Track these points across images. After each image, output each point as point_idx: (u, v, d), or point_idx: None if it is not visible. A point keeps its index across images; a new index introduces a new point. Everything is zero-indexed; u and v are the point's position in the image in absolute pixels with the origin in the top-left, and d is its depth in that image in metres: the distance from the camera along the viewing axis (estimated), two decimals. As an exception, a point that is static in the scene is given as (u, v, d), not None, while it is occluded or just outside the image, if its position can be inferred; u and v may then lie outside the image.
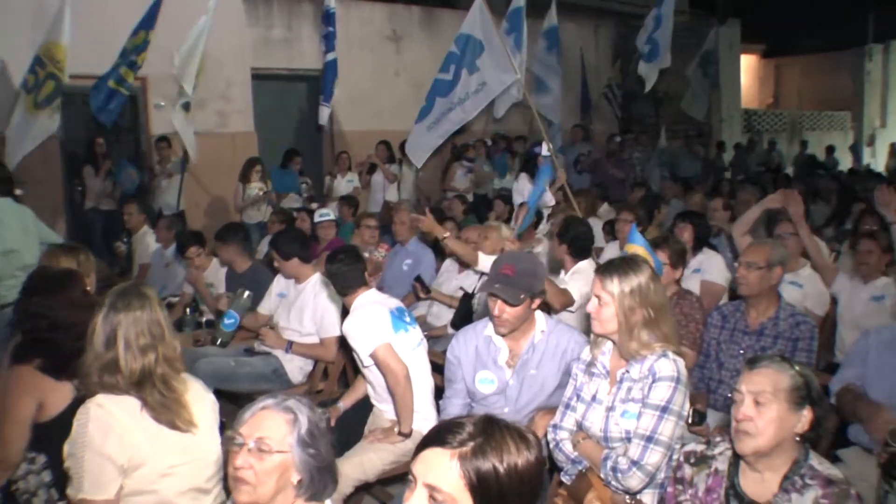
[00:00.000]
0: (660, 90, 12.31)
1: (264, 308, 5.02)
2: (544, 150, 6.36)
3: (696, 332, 3.93)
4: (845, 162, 18.27)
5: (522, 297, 3.11)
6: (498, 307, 3.14)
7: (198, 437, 2.58)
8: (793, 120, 20.12)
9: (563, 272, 4.62)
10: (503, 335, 3.27)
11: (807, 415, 2.18)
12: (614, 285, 2.71)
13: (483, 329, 3.37)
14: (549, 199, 6.34)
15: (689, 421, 3.36)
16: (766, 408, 2.18)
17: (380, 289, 5.50)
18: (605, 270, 2.78)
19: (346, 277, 3.85)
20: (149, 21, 7.31)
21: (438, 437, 1.59)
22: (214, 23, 7.77)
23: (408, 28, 12.13)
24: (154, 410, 2.48)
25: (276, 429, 1.99)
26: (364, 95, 11.41)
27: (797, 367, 2.23)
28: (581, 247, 4.55)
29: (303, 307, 4.76)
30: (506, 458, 1.55)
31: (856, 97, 21.91)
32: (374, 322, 3.72)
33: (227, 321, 4.72)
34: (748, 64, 19.02)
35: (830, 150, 17.48)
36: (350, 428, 3.94)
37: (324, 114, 9.54)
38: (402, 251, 6.13)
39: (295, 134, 11.24)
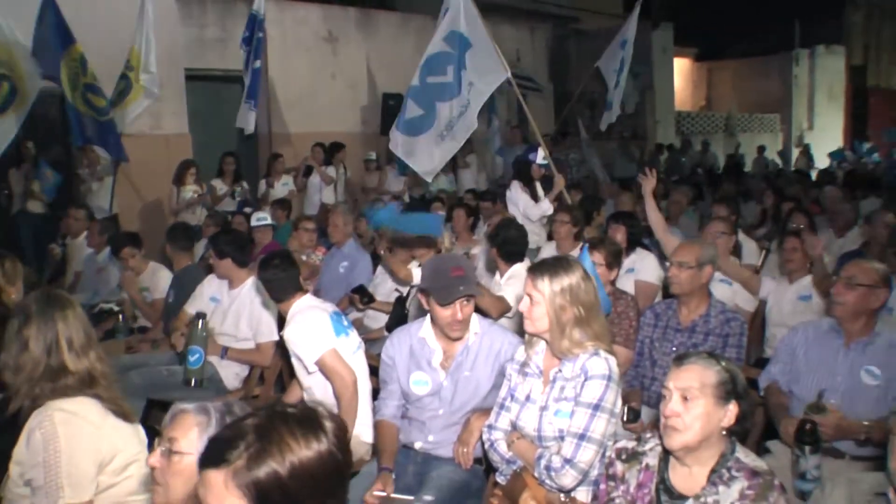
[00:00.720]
0: (595, 92, 12.48)
1: (191, 308, 4.90)
2: (540, 157, 6.29)
3: (630, 330, 3.98)
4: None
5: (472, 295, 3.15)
6: (463, 311, 3.12)
7: (139, 426, 2.65)
8: (725, 122, 20.62)
9: (497, 275, 4.64)
10: (459, 339, 3.25)
11: (733, 409, 2.22)
12: (545, 284, 2.73)
13: (417, 330, 3.35)
14: (548, 208, 6.24)
15: (624, 418, 3.40)
16: (693, 403, 2.21)
17: (316, 292, 5.47)
18: (536, 270, 2.80)
19: (281, 283, 3.79)
20: (65, 37, 7.12)
21: (211, 455, 1.45)
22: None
23: (344, 29, 12.06)
24: (111, 404, 2.52)
25: (186, 431, 1.95)
26: (300, 97, 11.30)
27: (724, 363, 2.27)
28: (511, 251, 4.56)
29: (238, 312, 4.67)
30: (287, 458, 1.41)
31: (784, 100, 22.58)
32: (317, 328, 3.67)
33: (191, 359, 4.36)
34: (681, 67, 19.44)
35: (761, 149, 18.02)
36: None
37: (250, 121, 9.41)
38: (339, 254, 6.07)
39: (230, 136, 11.05)
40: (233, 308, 4.69)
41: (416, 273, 4.61)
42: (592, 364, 2.71)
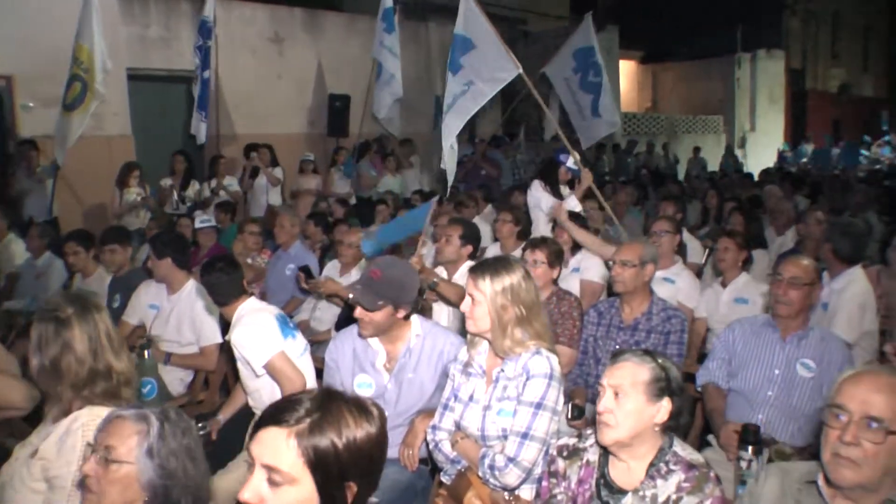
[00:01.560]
0: (543, 93, 12.55)
1: (132, 318, 4.81)
2: (570, 161, 6.03)
3: (574, 330, 4.01)
4: (717, 163, 19.25)
5: (380, 303, 3.09)
6: (358, 310, 3.14)
7: None
8: (670, 123, 20.97)
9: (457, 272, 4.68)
10: (365, 337, 3.26)
11: (666, 406, 2.26)
12: (486, 284, 2.74)
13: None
14: (576, 204, 5.97)
15: (568, 416, 3.46)
16: (624, 400, 2.24)
17: (262, 295, 5.41)
18: (477, 270, 2.81)
19: (224, 287, 3.74)
20: None
21: (275, 416, 1.56)
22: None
23: (290, 30, 11.94)
24: None
25: (125, 439, 1.91)
26: (246, 98, 11.17)
27: (659, 360, 2.31)
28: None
29: (180, 317, 4.60)
30: (344, 433, 1.54)
31: (727, 102, 23.05)
32: (265, 330, 3.63)
33: (144, 391, 4.17)
34: (627, 69, 19.70)
35: (696, 150, 18.39)
36: (231, 440, 3.82)
37: (201, 131, 9.25)
38: (285, 256, 6.02)
39: (175, 137, 10.87)
40: (174, 313, 4.62)
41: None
42: (534, 363, 2.73)
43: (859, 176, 13.85)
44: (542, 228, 5.97)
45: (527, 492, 2.79)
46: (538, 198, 6.26)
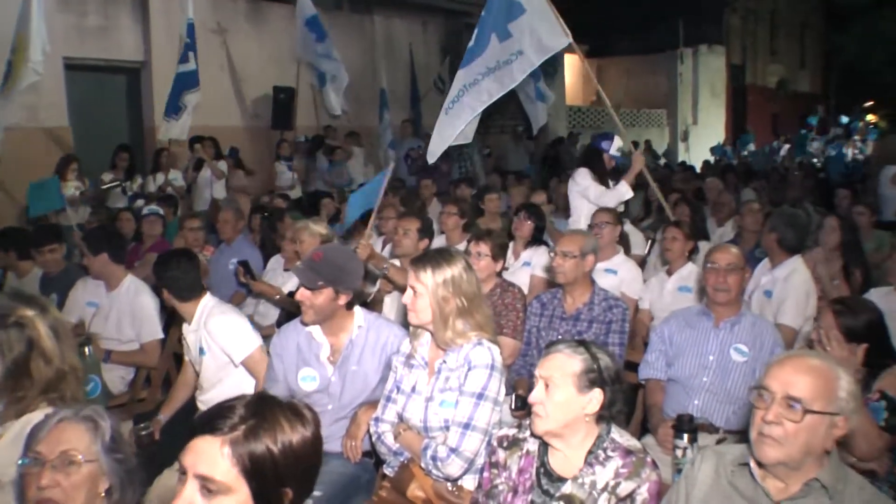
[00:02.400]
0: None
1: (70, 316, 4.68)
2: (613, 147, 5.71)
3: (518, 321, 4.04)
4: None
5: (320, 283, 3.10)
6: (300, 292, 3.13)
7: None
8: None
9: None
10: (307, 324, 3.25)
11: (597, 396, 2.30)
12: (428, 276, 2.76)
13: (304, 325, 3.32)
14: (626, 191, 5.62)
15: (512, 406, 3.49)
16: (554, 391, 2.28)
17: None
18: (418, 262, 2.82)
19: (187, 282, 3.75)
20: None
21: (208, 424, 1.53)
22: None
23: (233, 21, 11.73)
24: None
25: (80, 439, 1.90)
26: (188, 89, 10.96)
27: (592, 351, 2.34)
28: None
29: (120, 314, 4.53)
30: (280, 438, 1.53)
31: (670, 96, 23.41)
32: (243, 325, 3.71)
33: (87, 388, 3.94)
34: (572, 63, 19.80)
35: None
36: (174, 440, 3.76)
37: (171, 130, 9.05)
38: (228, 250, 5.94)
39: (115, 129, 10.61)
40: (114, 310, 4.54)
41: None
42: (476, 354, 2.75)
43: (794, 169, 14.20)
44: (582, 221, 5.66)
45: (469, 482, 2.80)
46: (585, 186, 5.83)
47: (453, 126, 5.77)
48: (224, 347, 3.67)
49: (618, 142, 5.75)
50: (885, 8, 23.72)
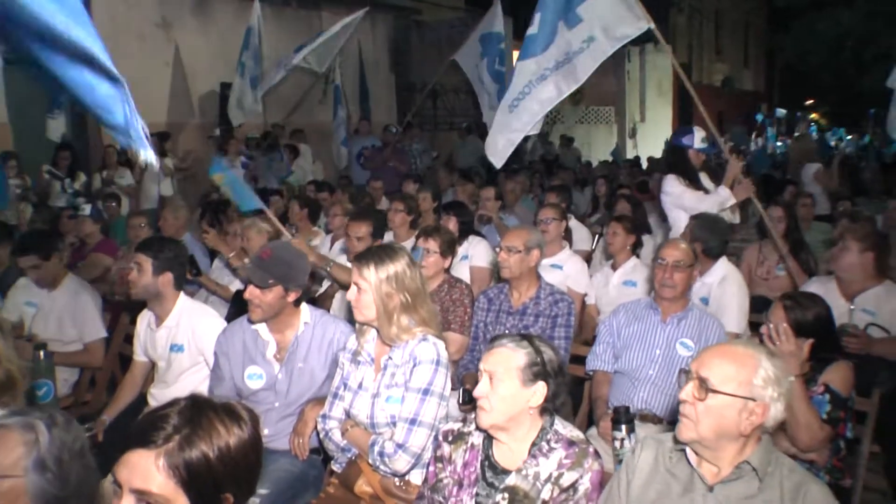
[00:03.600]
0: (437, 83, 12.63)
1: (11, 317, 4.58)
2: (698, 139, 5.13)
3: (465, 317, 4.05)
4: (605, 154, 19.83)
5: (271, 281, 3.10)
6: (249, 290, 3.13)
7: None
8: (564, 114, 21.40)
9: None
10: (254, 322, 3.24)
11: (541, 389, 2.33)
12: (371, 273, 2.76)
13: (251, 323, 3.30)
14: (728, 196, 4.94)
15: (460, 401, 3.52)
16: (498, 385, 2.31)
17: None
18: (361, 259, 2.82)
19: (182, 272, 3.81)
20: None
21: (141, 436, 1.51)
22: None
23: (178, 15, 11.51)
24: None
25: (10, 450, 1.75)
26: (132, 86, 10.70)
27: (536, 344, 2.37)
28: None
29: (61, 314, 4.44)
30: (216, 443, 1.51)
31: (619, 94, 23.71)
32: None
33: (40, 393, 3.83)
34: (522, 60, 19.94)
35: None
36: (118, 441, 3.69)
37: (53, 128, 8.81)
38: (174, 248, 5.85)
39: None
40: (55, 310, 4.44)
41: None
42: (421, 349, 2.76)
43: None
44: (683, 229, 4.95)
45: (417, 477, 2.82)
46: (678, 194, 5.10)
47: (520, 123, 5.35)
48: (205, 350, 3.64)
49: (699, 132, 5.24)
50: (823, 9, 24.32)
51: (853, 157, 17.85)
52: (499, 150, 5.48)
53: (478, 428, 2.41)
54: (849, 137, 26.19)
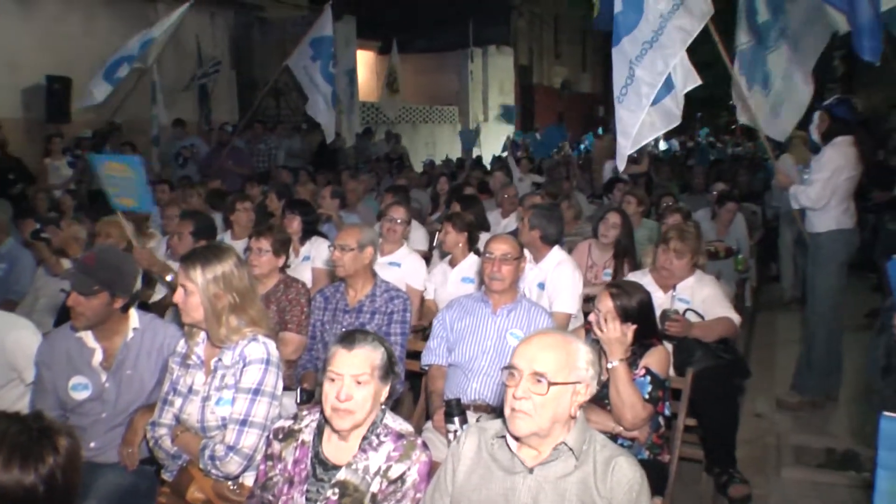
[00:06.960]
0: (280, 81, 12.44)
1: None
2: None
3: (303, 316, 4.05)
4: (453, 152, 20.15)
5: (96, 287, 2.99)
6: (73, 297, 3.01)
7: None
8: (407, 113, 21.59)
9: None
10: (78, 329, 3.12)
11: (387, 387, 2.43)
12: (197, 273, 2.71)
13: (74, 331, 3.16)
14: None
15: (298, 401, 3.51)
16: (365, 387, 2.35)
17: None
18: (187, 260, 2.77)
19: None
20: None
21: None
22: None
23: (-1, 4, 10.76)
24: None
25: None
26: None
27: (386, 344, 2.44)
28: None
29: None
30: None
31: (461, 94, 24.20)
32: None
33: None
34: (365, 59, 19.95)
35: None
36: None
37: None
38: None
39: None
40: None
41: None
42: (251, 349, 2.74)
43: (580, 162, 15.11)
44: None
45: (250, 479, 2.78)
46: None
47: (635, 116, 5.09)
48: (17, 364, 3.39)
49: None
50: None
51: (682, 157, 19.06)
52: (633, 136, 5.15)
53: (318, 423, 2.43)
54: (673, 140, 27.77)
